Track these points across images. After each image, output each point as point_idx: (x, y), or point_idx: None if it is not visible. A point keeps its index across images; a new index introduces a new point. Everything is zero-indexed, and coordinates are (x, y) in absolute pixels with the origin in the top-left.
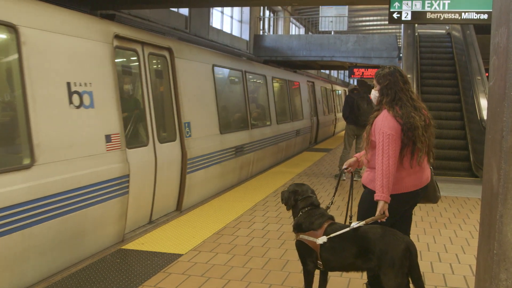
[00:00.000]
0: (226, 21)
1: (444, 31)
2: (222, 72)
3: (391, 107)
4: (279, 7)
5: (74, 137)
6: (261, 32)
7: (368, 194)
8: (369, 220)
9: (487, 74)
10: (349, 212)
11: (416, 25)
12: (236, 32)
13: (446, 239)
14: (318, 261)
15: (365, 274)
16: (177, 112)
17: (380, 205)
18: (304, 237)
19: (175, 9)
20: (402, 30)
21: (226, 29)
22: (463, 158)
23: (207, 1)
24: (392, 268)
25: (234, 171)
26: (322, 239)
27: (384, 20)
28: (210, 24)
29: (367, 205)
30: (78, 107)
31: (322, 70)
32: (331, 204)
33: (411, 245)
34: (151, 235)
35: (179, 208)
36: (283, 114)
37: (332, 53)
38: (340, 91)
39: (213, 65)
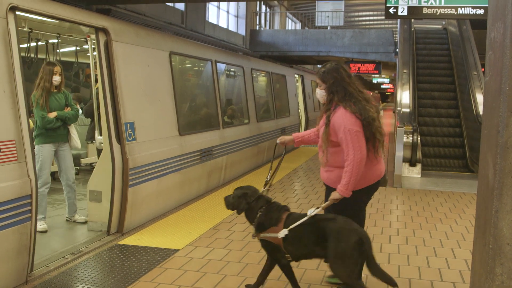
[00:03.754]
0: (222, 16)
1: (440, 26)
2: (184, 62)
3: (345, 103)
4: (275, 2)
5: None
6: (257, 27)
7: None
8: (324, 205)
9: (483, 69)
10: (270, 178)
11: (412, 20)
12: (232, 27)
13: (442, 234)
14: (286, 254)
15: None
16: (114, 110)
17: (337, 197)
18: (265, 235)
19: (171, 4)
20: (398, 25)
21: (223, 24)
22: (459, 153)
23: None
24: (342, 258)
25: (200, 179)
26: (283, 232)
27: (381, 15)
28: (206, 19)
29: (341, 202)
30: None
31: (318, 66)
32: (269, 186)
33: (364, 237)
34: (147, 230)
35: (120, 230)
36: (265, 110)
37: (329, 48)
38: None
39: (171, 53)
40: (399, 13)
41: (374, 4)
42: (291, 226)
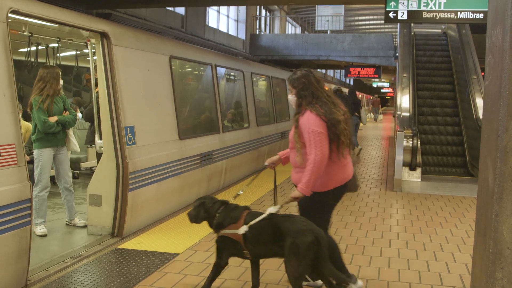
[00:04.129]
0: (223, 20)
1: (440, 31)
2: (183, 66)
3: (313, 107)
4: (276, 6)
5: None
6: (257, 31)
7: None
8: (283, 203)
9: (483, 73)
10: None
11: (412, 24)
12: (232, 31)
13: (442, 238)
14: (245, 251)
15: (363, 271)
16: (114, 113)
17: (297, 195)
18: (225, 231)
19: (171, 8)
20: (398, 30)
21: (223, 28)
22: (459, 157)
23: (203, 0)
24: (296, 257)
25: (200, 183)
26: (243, 229)
27: (380, 19)
28: (207, 23)
29: (305, 203)
30: None
31: (318, 70)
32: (239, 194)
33: (321, 237)
34: (147, 234)
35: (120, 234)
36: (265, 114)
37: (329, 52)
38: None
39: (171, 57)
40: (399, 18)
41: (374, 9)
42: (251, 222)
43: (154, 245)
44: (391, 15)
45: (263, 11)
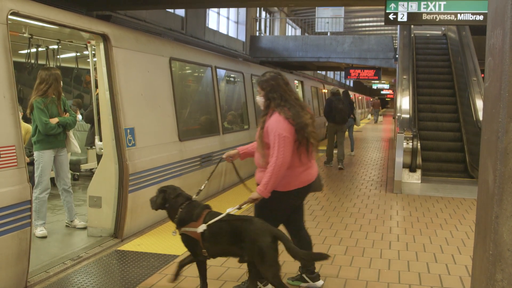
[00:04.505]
0: (223, 22)
1: (440, 32)
2: (184, 67)
3: (281, 109)
4: (275, 8)
5: None
6: (257, 33)
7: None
8: (242, 204)
9: (482, 75)
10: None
11: (412, 26)
12: (232, 33)
13: (442, 240)
14: (203, 250)
15: (363, 273)
16: (115, 115)
17: (256, 197)
18: (186, 229)
19: (171, 10)
20: (398, 31)
21: (223, 30)
22: (459, 159)
23: (203, 2)
24: (263, 259)
25: (200, 185)
26: (202, 227)
27: (380, 21)
28: (207, 25)
29: (266, 200)
30: None
31: (318, 71)
32: (201, 190)
33: (280, 237)
34: (147, 236)
35: (120, 236)
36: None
37: (328, 54)
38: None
39: (171, 59)
40: (399, 19)
41: (374, 10)
42: (209, 222)
43: (154, 247)
44: (391, 17)
45: (263, 13)
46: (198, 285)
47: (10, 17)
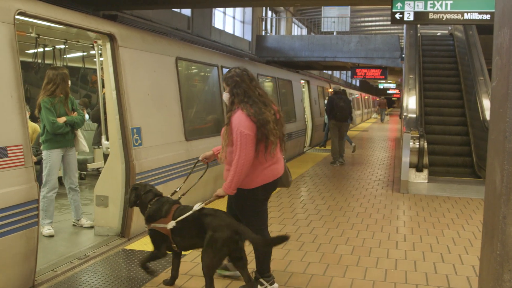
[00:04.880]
0: (229, 21)
1: (446, 32)
2: (190, 67)
3: (244, 106)
4: (281, 8)
5: None
6: (263, 33)
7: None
8: (207, 201)
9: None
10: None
11: (418, 25)
12: (238, 33)
13: (449, 240)
14: (173, 244)
15: (369, 273)
16: (121, 114)
17: (221, 194)
18: (156, 225)
19: (177, 10)
20: (404, 31)
21: (229, 29)
22: (466, 159)
23: (209, 2)
24: (212, 250)
25: (206, 185)
26: (172, 224)
27: (387, 20)
28: (213, 25)
29: (237, 202)
30: None
31: (324, 71)
32: (176, 191)
33: (241, 232)
34: None
35: (126, 235)
36: None
37: (335, 53)
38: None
39: (177, 58)
40: (405, 19)
41: (380, 10)
42: (178, 219)
43: None
44: (397, 16)
45: (269, 13)
46: (204, 286)
47: (17, 17)
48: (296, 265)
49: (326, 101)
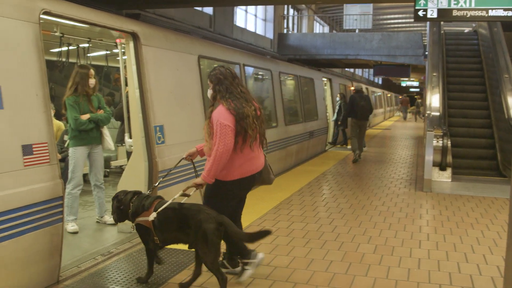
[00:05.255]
0: (250, 19)
1: (470, 29)
2: (212, 65)
3: (225, 101)
4: (303, 6)
5: None
6: (285, 31)
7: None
8: (185, 189)
9: None
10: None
11: (442, 22)
12: (260, 31)
13: (473, 240)
14: (155, 238)
15: (392, 272)
16: (144, 112)
17: (199, 182)
18: (139, 219)
19: (199, 8)
20: (427, 28)
21: (250, 27)
22: (490, 157)
23: (231, 0)
24: (206, 244)
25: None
26: (153, 215)
27: (409, 17)
28: (234, 23)
29: (211, 190)
30: None
31: (346, 69)
32: (155, 186)
33: (224, 223)
34: None
35: None
36: (293, 114)
37: (357, 51)
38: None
39: (200, 56)
40: (428, 16)
41: (403, 7)
42: (159, 210)
43: (183, 244)
44: (420, 13)
45: (291, 10)
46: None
47: (42, 16)
48: (318, 264)
49: (338, 99)
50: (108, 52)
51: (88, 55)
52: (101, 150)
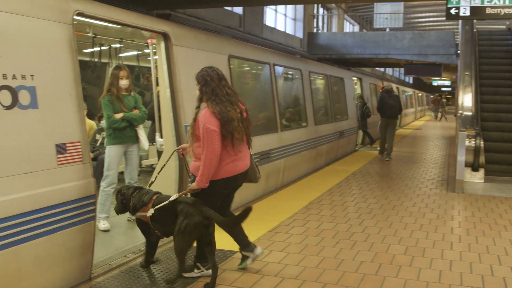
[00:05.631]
0: (280, 19)
1: (504, 27)
2: (242, 65)
3: (211, 103)
4: (333, 5)
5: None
6: (315, 30)
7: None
8: (181, 193)
9: None
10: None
11: (474, 20)
12: (290, 30)
13: (506, 242)
14: (156, 231)
15: (423, 274)
16: (174, 112)
17: (194, 187)
18: (139, 214)
19: (229, 8)
20: (460, 26)
21: (280, 27)
22: None
23: (261, 0)
24: (182, 234)
25: (258, 182)
26: (151, 211)
27: (441, 16)
28: (264, 22)
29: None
30: (9, 107)
31: (376, 68)
32: (152, 182)
33: (210, 217)
34: None
35: None
36: (323, 113)
37: (387, 50)
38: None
39: (230, 56)
40: (461, 14)
41: (434, 5)
42: (157, 207)
43: None
44: (452, 11)
45: (321, 10)
46: (257, 281)
47: (75, 17)
48: (348, 264)
49: (356, 98)
50: (139, 52)
51: (120, 55)
52: (137, 150)
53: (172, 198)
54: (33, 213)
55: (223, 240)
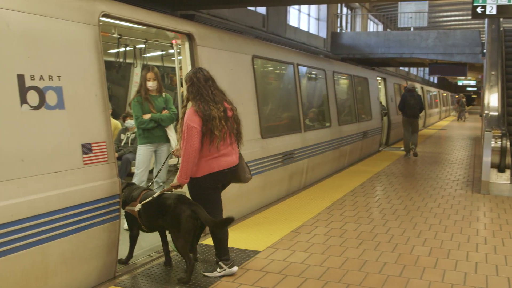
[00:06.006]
0: (303, 19)
1: None
2: (265, 65)
3: (195, 103)
4: (357, 4)
5: (26, 147)
6: (338, 30)
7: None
8: (164, 190)
9: None
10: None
11: (501, 19)
12: (313, 30)
13: None
14: (142, 225)
15: (448, 276)
16: None
17: (175, 184)
18: (128, 208)
19: (252, 8)
20: (485, 25)
21: (303, 27)
22: None
23: (285, 0)
24: (177, 229)
25: (281, 182)
26: (138, 206)
27: (467, 15)
28: (287, 22)
29: (188, 188)
30: (36, 108)
31: (401, 68)
32: (154, 179)
33: (198, 212)
34: (229, 231)
35: (203, 230)
36: (347, 113)
37: (412, 49)
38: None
39: (253, 56)
40: (487, 13)
41: (460, 4)
42: (143, 202)
43: (236, 242)
44: (478, 10)
45: (344, 9)
46: (280, 281)
47: (101, 18)
48: (372, 265)
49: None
50: (163, 52)
51: (144, 55)
52: (167, 149)
53: (156, 195)
54: (59, 212)
55: (246, 240)
